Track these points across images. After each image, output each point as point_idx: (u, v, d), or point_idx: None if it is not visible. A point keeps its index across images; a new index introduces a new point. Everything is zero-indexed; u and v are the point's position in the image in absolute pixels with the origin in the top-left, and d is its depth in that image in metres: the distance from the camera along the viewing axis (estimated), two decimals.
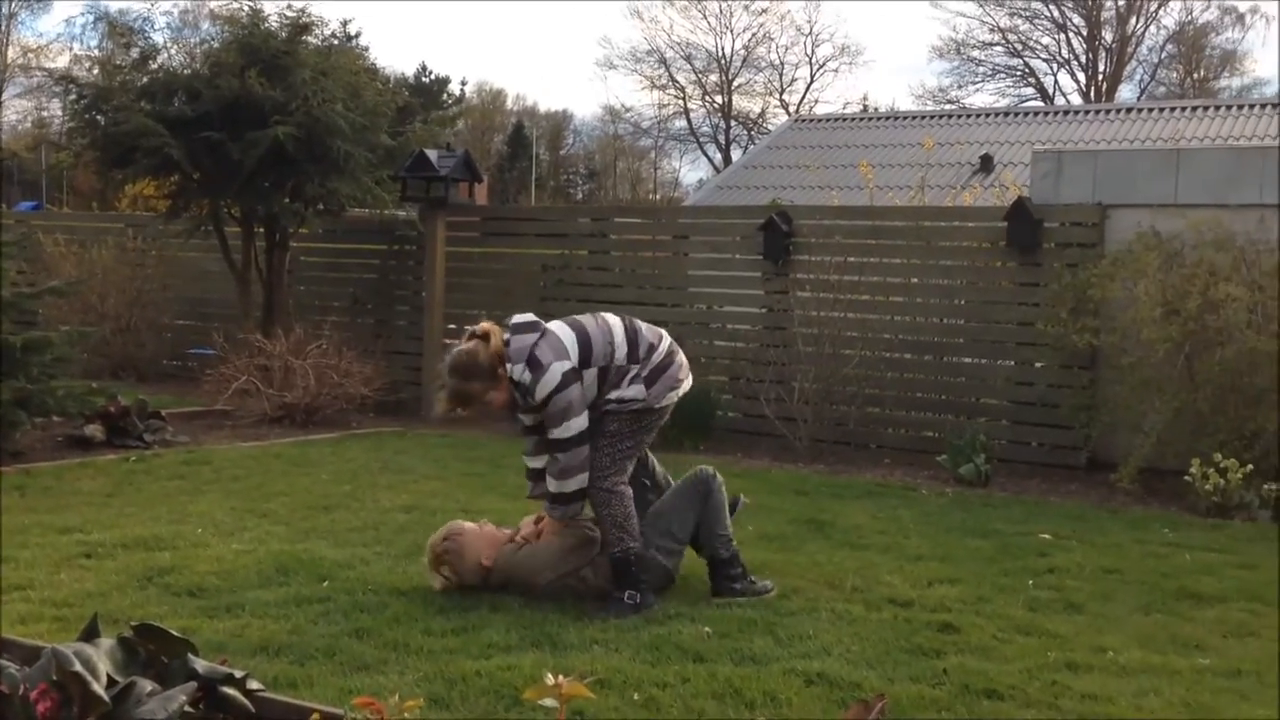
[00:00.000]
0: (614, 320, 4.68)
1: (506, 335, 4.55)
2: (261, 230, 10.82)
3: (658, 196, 48.68)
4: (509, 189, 43.46)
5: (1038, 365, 8.48)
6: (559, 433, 4.48)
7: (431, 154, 10.16)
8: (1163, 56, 40.22)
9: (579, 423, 4.48)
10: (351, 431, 9.26)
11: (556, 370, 4.47)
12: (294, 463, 7.66)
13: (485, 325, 4.61)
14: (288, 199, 10.30)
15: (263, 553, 5.21)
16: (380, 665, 3.81)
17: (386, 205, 10.77)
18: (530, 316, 4.67)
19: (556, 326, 4.65)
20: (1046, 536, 6.12)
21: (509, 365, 4.52)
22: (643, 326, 4.72)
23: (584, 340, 4.58)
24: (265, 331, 10.22)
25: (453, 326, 10.21)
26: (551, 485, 4.57)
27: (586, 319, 4.69)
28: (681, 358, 4.77)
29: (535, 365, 4.48)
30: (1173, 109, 20.85)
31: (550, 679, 2.14)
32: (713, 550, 4.80)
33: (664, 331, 4.78)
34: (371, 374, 9.87)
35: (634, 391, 4.59)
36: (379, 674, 3.73)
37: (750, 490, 7.19)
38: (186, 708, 2.68)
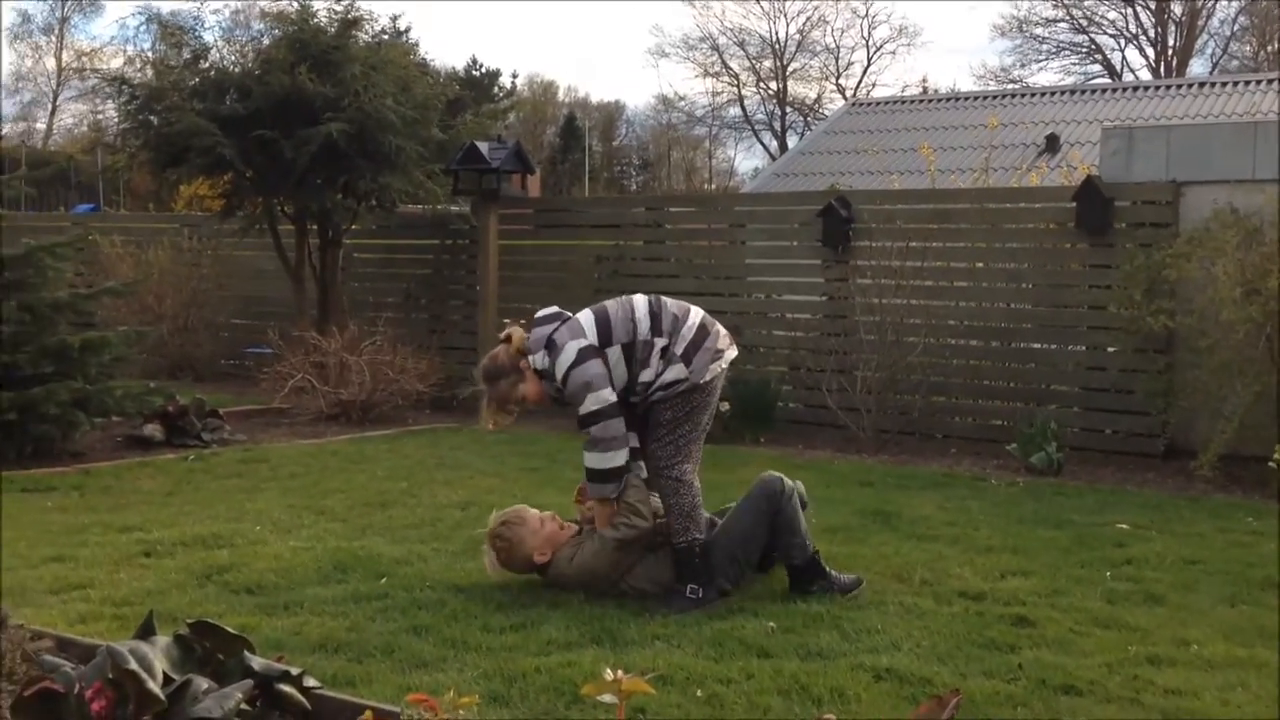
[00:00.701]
0: (638, 298, 4.67)
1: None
2: (315, 228, 10.91)
3: (713, 186, 48.55)
4: (562, 181, 43.57)
5: (1110, 349, 8.33)
6: (585, 407, 4.45)
7: (483, 146, 10.17)
8: (1235, 29, 39.36)
9: (605, 394, 4.44)
10: (407, 428, 9.32)
11: (572, 348, 4.49)
12: (350, 460, 7.71)
13: (509, 329, 4.71)
14: (340, 195, 10.37)
15: (320, 550, 5.24)
16: (439, 662, 3.82)
17: (439, 199, 10.81)
18: (554, 309, 4.71)
19: (581, 313, 4.67)
20: (1124, 526, 6.01)
21: (530, 357, 4.58)
22: (669, 301, 4.68)
23: (602, 320, 4.59)
24: (320, 329, 10.30)
25: (507, 321, 10.20)
26: (587, 460, 4.55)
27: (610, 302, 4.69)
28: (719, 328, 4.70)
29: (552, 347, 4.54)
30: (1247, 82, 20.38)
31: (609, 674, 2.10)
32: (787, 558, 4.74)
33: (693, 306, 4.74)
34: (426, 370, 9.92)
35: (675, 373, 4.54)
36: (438, 671, 3.73)
37: (813, 482, 7.14)
38: (243, 705, 2.68)
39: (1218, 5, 39.14)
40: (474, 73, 45.14)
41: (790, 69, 45.72)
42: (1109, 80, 35.98)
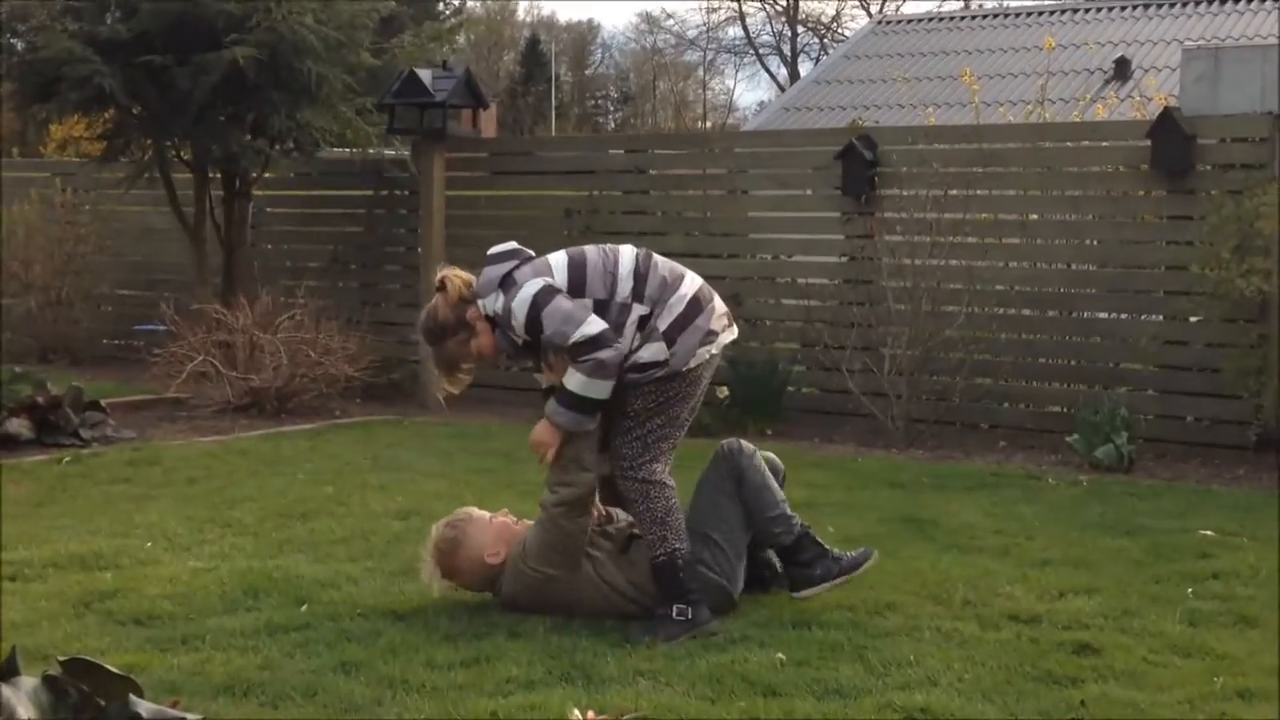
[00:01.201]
0: (625, 249, 4.64)
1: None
2: (218, 176, 10.85)
3: (708, 123, 48.51)
4: (523, 118, 43.49)
5: (1193, 320, 8.36)
6: (579, 333, 4.39)
7: (425, 74, 10.12)
8: None
9: (595, 322, 4.41)
10: (334, 421, 9.30)
11: (534, 285, 4.46)
12: (264, 461, 7.69)
13: (443, 272, 4.66)
14: (249, 136, 10.32)
15: (226, 571, 5.22)
16: (373, 707, 3.81)
17: (371, 141, 10.77)
18: (511, 245, 4.68)
19: (550, 255, 4.66)
20: (1208, 533, 6.04)
21: (480, 301, 4.55)
22: (661, 261, 4.67)
23: (577, 265, 4.57)
24: (225, 301, 10.27)
25: (440, 266, 10.18)
26: (570, 382, 4.45)
27: (590, 248, 4.68)
28: (717, 303, 4.68)
29: (509, 288, 4.50)
30: None
31: (577, 716, 2.09)
32: (771, 539, 4.76)
33: (690, 272, 4.71)
34: (357, 350, 9.90)
35: (653, 353, 4.51)
36: (371, 718, 3.72)
37: (832, 483, 7.22)
38: None
39: None
40: None
41: None
42: None
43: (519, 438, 8.51)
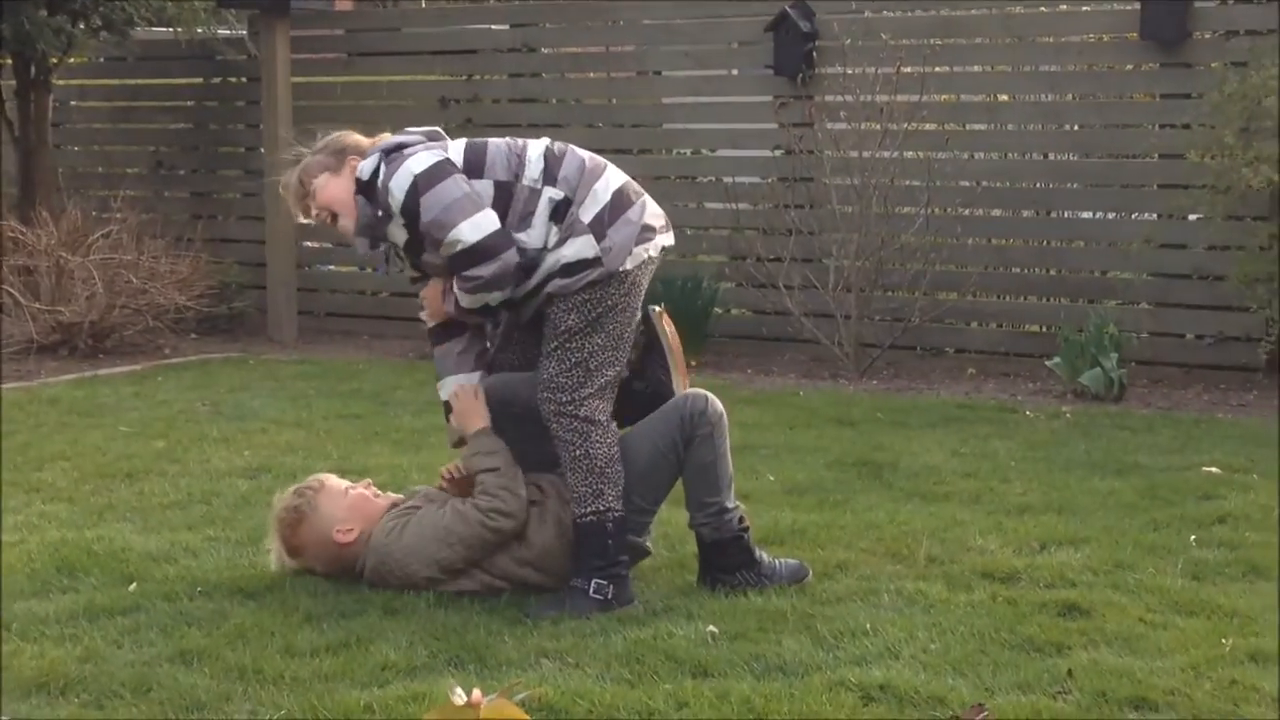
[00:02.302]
0: (531, 140, 4.66)
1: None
2: (8, 63, 10.61)
3: None
4: None
5: (1192, 218, 8.45)
6: (466, 233, 4.39)
7: None
8: None
9: (489, 218, 4.42)
10: (163, 361, 9.20)
11: (423, 158, 4.46)
12: (78, 410, 7.60)
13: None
14: (45, 12, 10.08)
15: (35, 545, 5.15)
16: (219, 704, 3.78)
17: (198, 17, 10.58)
18: (430, 128, 4.70)
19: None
20: (1213, 470, 6.13)
21: (360, 162, 4.56)
22: (576, 148, 4.67)
23: (476, 144, 4.60)
24: (23, 216, 10.08)
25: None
26: (461, 290, 4.48)
27: (494, 139, 4.68)
28: (649, 201, 4.68)
29: (393, 156, 4.50)
30: None
31: (459, 696, 2.07)
32: (696, 526, 4.73)
33: (611, 164, 4.70)
34: (189, 274, 9.78)
35: (578, 248, 4.48)
36: (219, 715, 3.70)
37: (770, 422, 7.24)
38: None
39: None
40: None
41: None
42: None
43: (392, 375, 8.52)
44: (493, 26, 11.13)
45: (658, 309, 4.84)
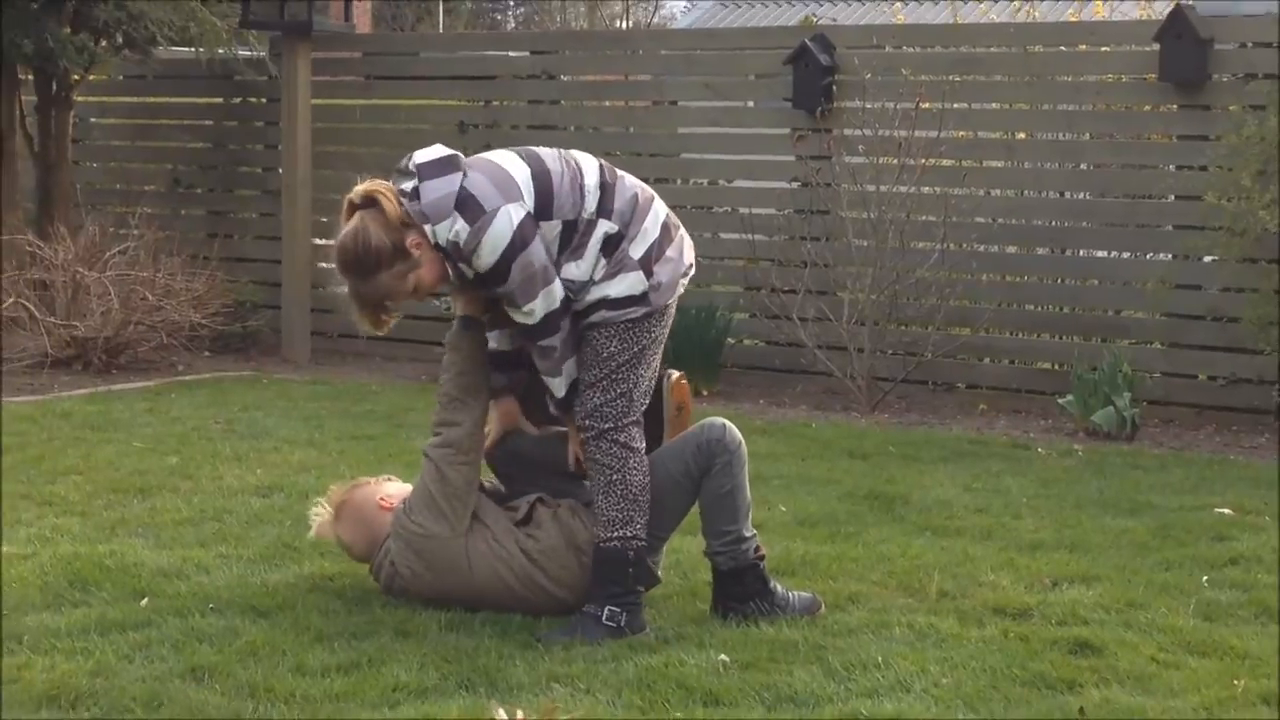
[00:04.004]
0: (585, 157, 4.62)
1: (408, 185, 4.45)
2: (30, 78, 10.64)
3: (629, 20, 48.33)
4: (403, 13, 43.04)
5: (1207, 259, 8.45)
6: (538, 310, 4.41)
7: None
8: None
9: (559, 289, 4.43)
10: (177, 378, 9.19)
11: (508, 215, 4.37)
12: (91, 425, 7.60)
13: (362, 187, 4.49)
14: (69, 29, 10.12)
15: (48, 558, 5.16)
16: None
17: (220, 37, 10.59)
18: (440, 150, 4.54)
19: (496, 156, 4.58)
20: (1225, 512, 6.13)
21: (428, 228, 4.41)
22: (623, 173, 4.66)
23: (541, 176, 4.50)
24: (41, 231, 10.10)
25: (325, 220, 10.11)
26: (557, 389, 4.55)
27: (545, 151, 4.60)
28: (685, 235, 4.72)
29: (473, 211, 4.37)
30: None
31: (502, 715, 2.10)
32: (711, 555, 4.74)
33: (654, 191, 4.71)
34: (205, 292, 9.79)
35: (628, 285, 4.49)
36: None
37: (783, 453, 7.23)
38: None
39: None
40: None
41: None
42: None
43: (405, 397, 8.52)
44: (512, 53, 11.18)
45: (675, 375, 4.86)
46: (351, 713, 3.81)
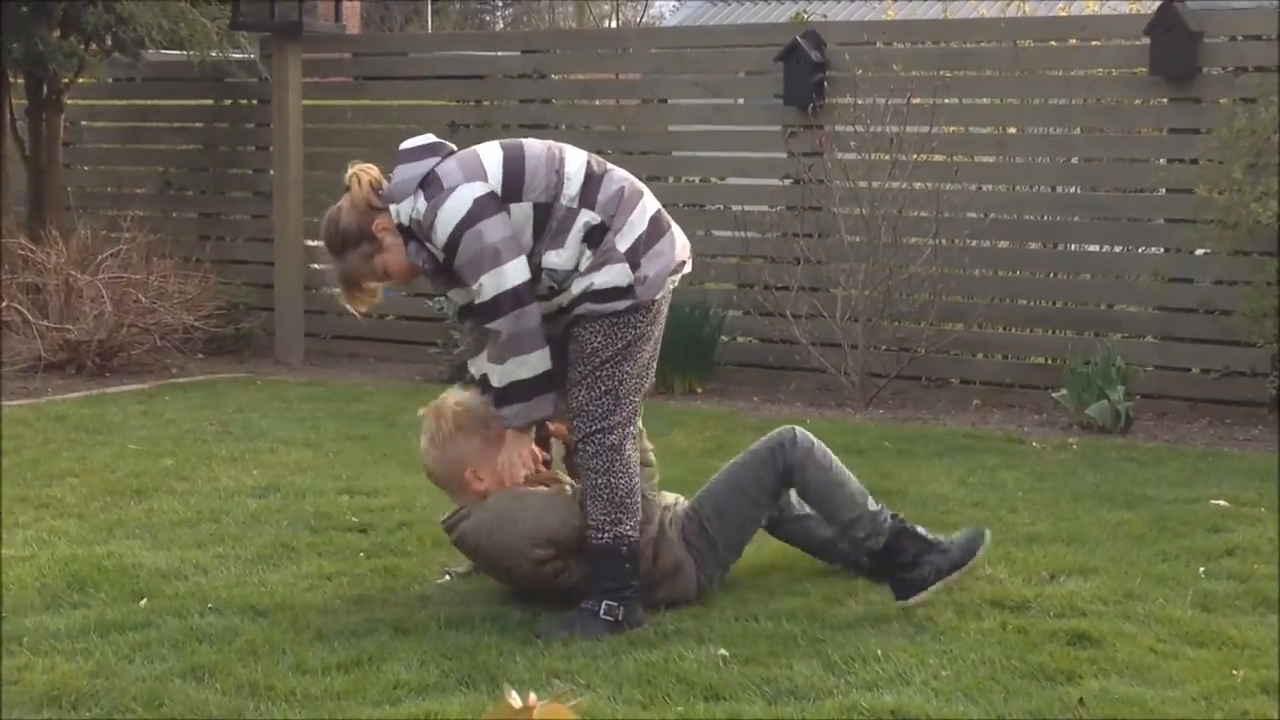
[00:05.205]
0: (571, 148, 4.64)
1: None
2: (19, 81, 10.63)
3: (618, 19, 48.31)
4: (391, 14, 43.02)
5: (1199, 252, 8.47)
6: (484, 291, 4.40)
7: None
8: None
9: (513, 269, 4.40)
10: (170, 380, 9.20)
11: (466, 192, 4.41)
12: (86, 428, 7.61)
13: (355, 170, 4.59)
14: (58, 32, 10.11)
15: (46, 559, 5.17)
16: None
17: (210, 39, 10.58)
18: (429, 138, 4.63)
19: (480, 146, 4.63)
20: (1221, 503, 6.14)
21: (392, 207, 4.49)
22: (615, 168, 4.67)
23: (514, 159, 4.54)
24: (33, 234, 10.09)
25: (317, 221, 10.08)
26: (493, 376, 4.51)
27: (531, 140, 4.66)
28: (678, 231, 4.73)
29: (433, 189, 4.44)
30: None
31: (514, 699, 2.12)
32: (858, 547, 4.81)
33: (645, 187, 4.72)
34: (198, 294, 9.80)
35: (612, 276, 4.50)
36: None
37: None
38: None
39: None
40: None
41: None
42: None
43: (399, 398, 8.51)
44: (501, 53, 11.17)
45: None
46: (353, 711, 3.82)
